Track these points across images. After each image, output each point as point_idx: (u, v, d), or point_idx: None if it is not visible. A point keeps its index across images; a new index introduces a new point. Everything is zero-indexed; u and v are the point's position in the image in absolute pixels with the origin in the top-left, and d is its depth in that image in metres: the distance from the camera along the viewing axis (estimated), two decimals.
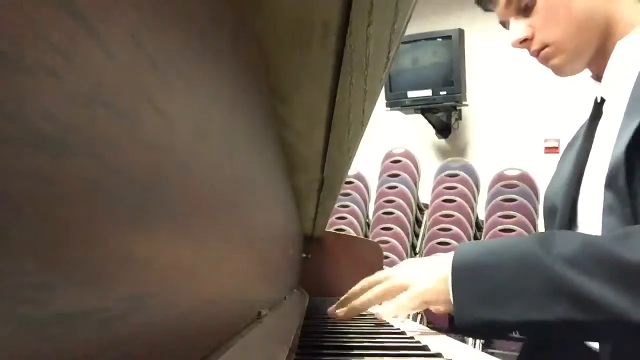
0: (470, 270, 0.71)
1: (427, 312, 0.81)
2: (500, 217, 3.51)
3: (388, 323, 0.85)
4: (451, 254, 0.74)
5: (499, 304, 0.67)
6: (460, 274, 0.71)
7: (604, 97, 0.85)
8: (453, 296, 0.71)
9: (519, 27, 0.85)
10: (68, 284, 0.14)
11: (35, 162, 0.12)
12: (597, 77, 0.86)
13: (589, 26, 0.82)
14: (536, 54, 0.85)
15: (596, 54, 0.83)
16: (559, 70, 0.86)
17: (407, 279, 0.78)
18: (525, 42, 0.85)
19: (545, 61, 0.85)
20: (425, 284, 0.75)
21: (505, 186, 3.57)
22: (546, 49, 0.84)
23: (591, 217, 0.80)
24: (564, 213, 0.85)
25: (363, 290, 0.83)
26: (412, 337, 0.69)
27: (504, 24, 0.89)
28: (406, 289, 0.77)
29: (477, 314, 0.68)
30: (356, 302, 0.83)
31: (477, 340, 2.82)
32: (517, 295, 0.66)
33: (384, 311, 0.80)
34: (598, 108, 0.86)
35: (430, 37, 3.87)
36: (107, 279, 0.17)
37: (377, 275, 0.84)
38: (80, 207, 0.14)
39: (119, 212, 0.17)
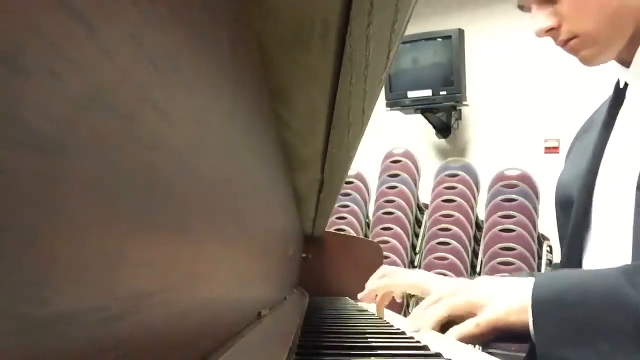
0: (552, 306, 0.65)
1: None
2: (500, 217, 3.51)
3: (388, 323, 0.85)
4: (527, 280, 0.69)
5: (585, 344, 0.62)
6: (542, 309, 0.66)
7: (628, 82, 0.79)
8: (535, 333, 0.66)
9: (544, 14, 0.78)
10: (68, 283, 0.14)
11: (34, 162, 0.12)
12: (623, 61, 0.80)
13: (621, 15, 0.75)
14: (563, 44, 0.78)
15: (628, 40, 0.77)
16: (588, 62, 0.79)
17: (483, 296, 0.72)
18: (551, 31, 0.78)
19: (574, 52, 0.79)
20: (506, 308, 0.69)
21: (505, 186, 3.57)
22: (575, 40, 0.77)
23: (611, 212, 0.76)
24: (581, 205, 0.80)
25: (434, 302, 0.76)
26: (412, 337, 0.69)
27: (522, 8, 0.82)
28: (480, 306, 0.71)
29: (562, 354, 0.64)
30: (428, 320, 0.75)
31: None
32: (603, 336, 0.61)
33: (453, 333, 0.72)
34: (620, 93, 0.80)
35: (430, 37, 3.87)
36: (107, 278, 0.17)
37: (446, 288, 0.77)
38: (80, 207, 0.14)
39: (118, 212, 0.17)
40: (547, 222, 3.58)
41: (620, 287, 0.62)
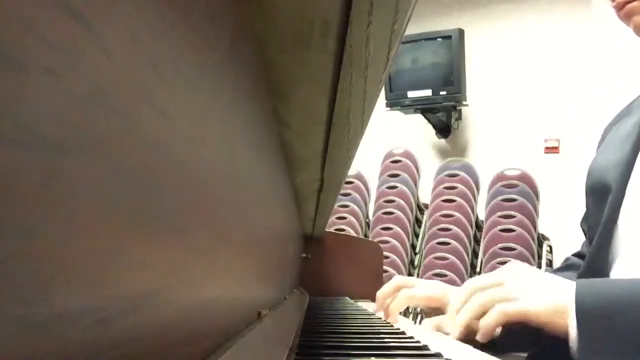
0: (597, 315, 0.63)
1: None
2: (500, 217, 3.52)
3: (388, 323, 0.85)
4: (570, 284, 0.67)
5: (629, 356, 0.60)
6: (587, 318, 0.63)
7: None
8: (579, 343, 0.63)
9: None
10: (67, 283, 0.14)
11: (34, 162, 0.12)
12: None
13: None
14: (620, 6, 0.80)
15: None
16: None
17: (518, 291, 0.69)
18: None
19: (628, 16, 0.80)
20: (539, 306, 0.66)
21: (505, 186, 3.58)
22: (633, 3, 0.79)
23: None
24: (619, 195, 0.78)
25: (468, 297, 0.73)
26: (412, 337, 0.68)
27: None
28: (511, 300, 0.69)
29: None
30: (464, 316, 0.72)
31: None
32: None
33: (480, 326, 0.69)
34: None
35: (430, 37, 3.87)
36: (107, 278, 0.17)
37: (487, 279, 0.74)
38: (79, 207, 0.14)
39: (118, 212, 0.17)
40: (547, 222, 3.58)
41: None
